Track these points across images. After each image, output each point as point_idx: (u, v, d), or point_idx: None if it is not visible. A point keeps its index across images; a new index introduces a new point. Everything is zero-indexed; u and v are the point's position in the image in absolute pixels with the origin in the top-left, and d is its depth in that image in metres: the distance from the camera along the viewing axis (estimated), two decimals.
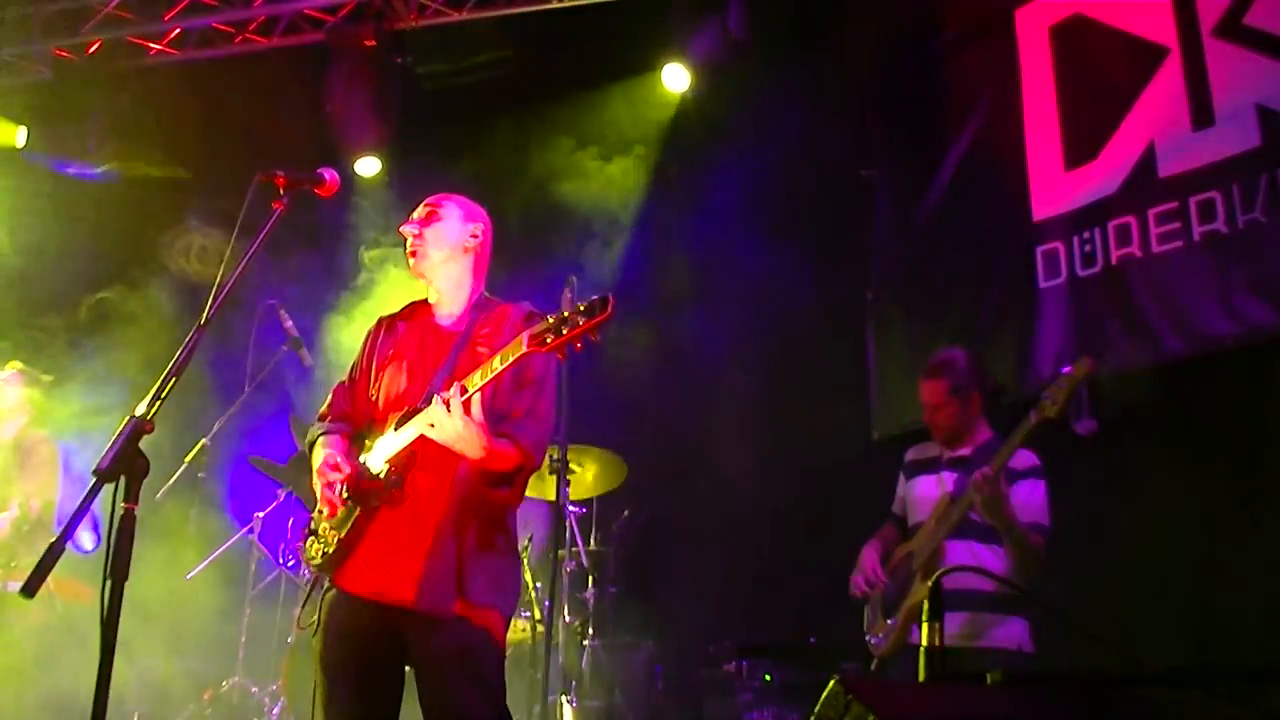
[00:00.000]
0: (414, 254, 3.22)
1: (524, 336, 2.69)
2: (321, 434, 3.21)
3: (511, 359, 2.73)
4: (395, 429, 2.99)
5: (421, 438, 2.88)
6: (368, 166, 7.32)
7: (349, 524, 3.00)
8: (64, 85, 7.16)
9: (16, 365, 5.66)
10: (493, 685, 2.94)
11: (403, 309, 3.38)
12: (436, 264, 3.23)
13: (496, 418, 2.82)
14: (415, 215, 3.28)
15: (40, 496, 5.41)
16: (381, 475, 2.98)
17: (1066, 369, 3.92)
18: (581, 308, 2.63)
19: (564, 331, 2.63)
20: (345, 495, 3.01)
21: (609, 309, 2.60)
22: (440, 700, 2.89)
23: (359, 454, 3.10)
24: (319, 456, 3.08)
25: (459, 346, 3.14)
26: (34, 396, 5.63)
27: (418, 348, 3.20)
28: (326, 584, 3.06)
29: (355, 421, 3.25)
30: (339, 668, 2.94)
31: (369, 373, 3.25)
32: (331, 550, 3.00)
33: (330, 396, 3.36)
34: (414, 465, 2.96)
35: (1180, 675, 1.70)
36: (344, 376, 3.38)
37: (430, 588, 2.88)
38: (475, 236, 3.29)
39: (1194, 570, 4.72)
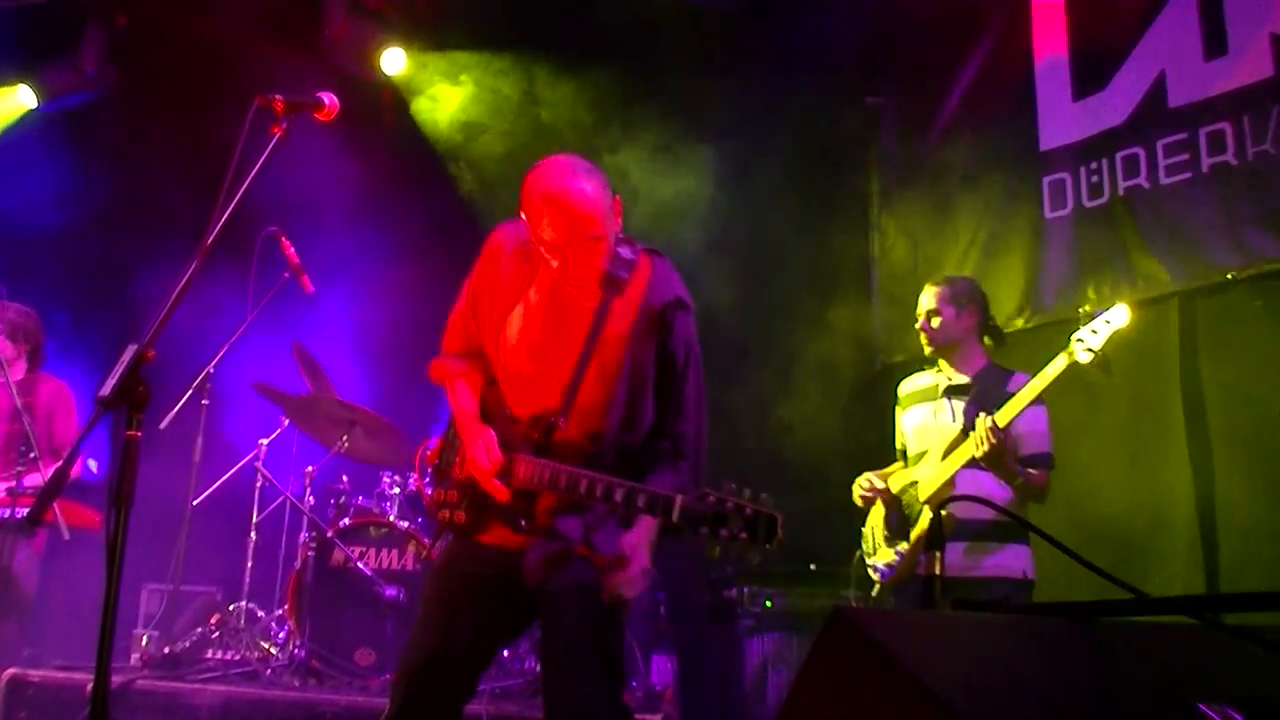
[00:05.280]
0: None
1: (677, 504, 2.48)
2: (457, 378, 2.99)
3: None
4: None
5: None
6: (394, 61, 7.16)
7: (477, 511, 2.90)
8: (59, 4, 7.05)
9: None
10: (609, 627, 2.81)
11: (529, 240, 2.76)
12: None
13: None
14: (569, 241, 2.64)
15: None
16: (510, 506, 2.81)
17: (1110, 316, 3.76)
18: (747, 512, 2.38)
19: (720, 534, 2.39)
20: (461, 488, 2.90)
21: (776, 539, 2.34)
22: (555, 635, 2.79)
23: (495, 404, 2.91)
24: (464, 409, 2.92)
25: (594, 336, 2.76)
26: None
27: (544, 318, 2.81)
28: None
29: (483, 364, 2.98)
30: (441, 596, 2.89)
31: (491, 314, 2.89)
32: (460, 522, 2.92)
33: (449, 327, 3.06)
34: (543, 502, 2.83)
35: (1178, 604, 1.72)
36: (460, 303, 3.03)
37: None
38: (618, 214, 2.76)
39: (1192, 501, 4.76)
